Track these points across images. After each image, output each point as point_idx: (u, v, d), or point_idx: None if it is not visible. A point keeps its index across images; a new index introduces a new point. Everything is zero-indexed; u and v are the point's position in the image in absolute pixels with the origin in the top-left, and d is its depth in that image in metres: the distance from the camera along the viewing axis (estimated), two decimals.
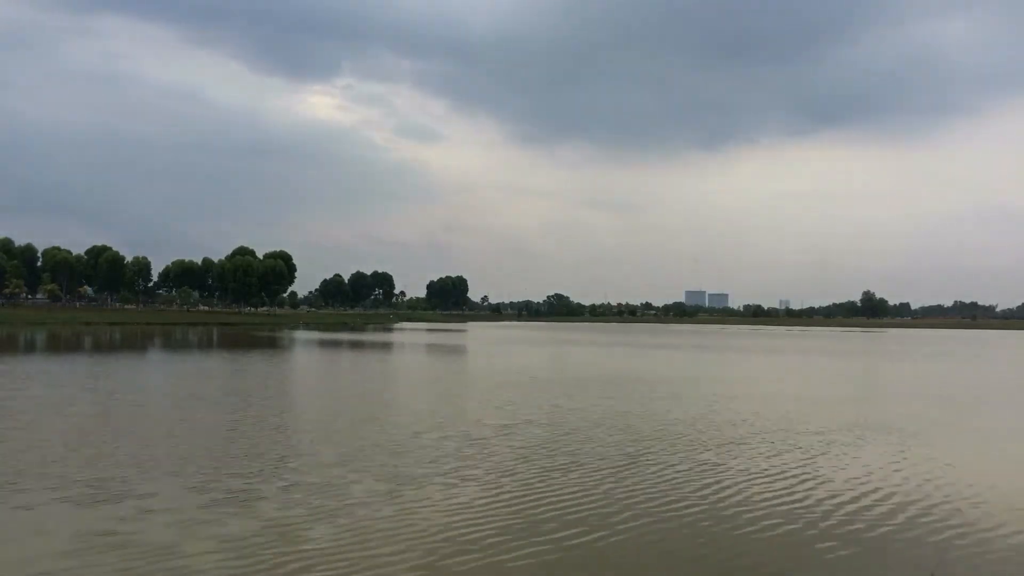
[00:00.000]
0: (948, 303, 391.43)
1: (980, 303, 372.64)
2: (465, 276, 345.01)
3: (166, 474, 15.21)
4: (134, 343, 74.14)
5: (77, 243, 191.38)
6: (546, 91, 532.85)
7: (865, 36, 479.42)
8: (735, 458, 17.92)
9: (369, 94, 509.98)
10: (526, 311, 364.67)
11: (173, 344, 74.61)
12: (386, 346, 73.09)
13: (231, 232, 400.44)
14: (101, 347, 65.58)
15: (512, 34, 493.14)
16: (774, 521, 12.58)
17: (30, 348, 64.17)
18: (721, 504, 13.63)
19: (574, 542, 11.32)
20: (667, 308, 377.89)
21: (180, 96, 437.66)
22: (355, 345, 72.82)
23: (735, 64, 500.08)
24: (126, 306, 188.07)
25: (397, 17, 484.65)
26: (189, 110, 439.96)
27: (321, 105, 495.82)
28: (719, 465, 17.03)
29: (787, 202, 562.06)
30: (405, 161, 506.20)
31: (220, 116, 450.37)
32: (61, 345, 68.30)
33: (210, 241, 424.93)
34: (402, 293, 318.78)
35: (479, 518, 12.48)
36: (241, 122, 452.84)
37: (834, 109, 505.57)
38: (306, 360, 55.22)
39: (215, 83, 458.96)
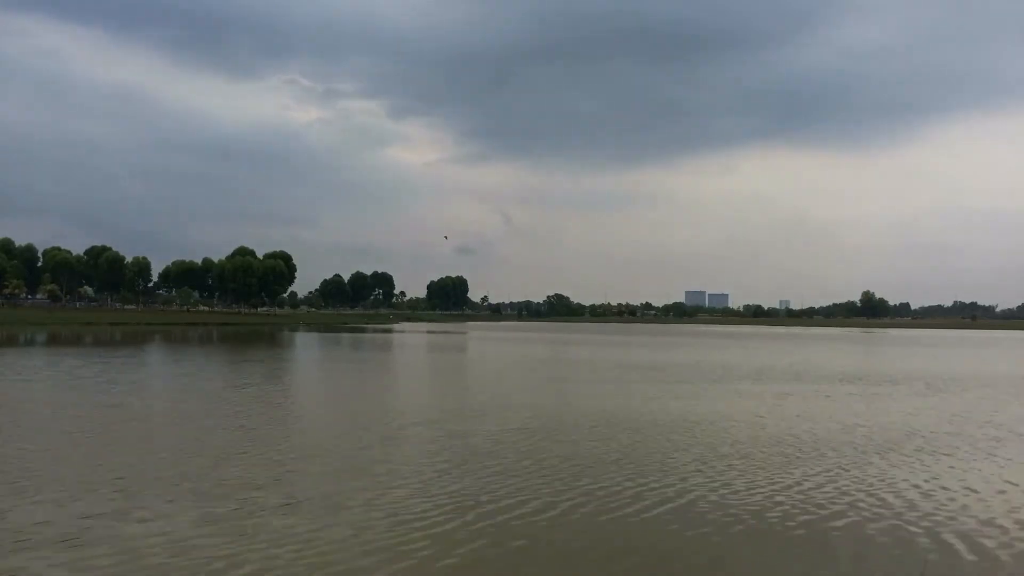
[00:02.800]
0: (948, 303, 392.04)
1: (980, 303, 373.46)
2: (465, 276, 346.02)
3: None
4: (133, 344, 74.10)
5: (44, 243, 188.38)
6: (521, 93, 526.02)
7: (848, 29, 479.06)
8: None
9: (320, 93, 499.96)
10: (526, 311, 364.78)
11: (172, 343, 74.65)
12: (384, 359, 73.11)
13: (207, 232, 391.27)
14: (102, 343, 65.54)
15: (475, 37, 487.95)
16: None
17: (29, 347, 64.18)
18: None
19: None
20: (667, 308, 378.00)
21: (123, 96, 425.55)
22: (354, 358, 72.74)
23: (713, 63, 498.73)
24: (126, 306, 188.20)
25: (346, 17, 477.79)
26: (137, 110, 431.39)
27: (272, 105, 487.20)
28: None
29: (785, 202, 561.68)
30: (379, 162, 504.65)
31: (173, 116, 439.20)
32: (62, 342, 68.29)
33: (182, 241, 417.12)
34: (402, 293, 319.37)
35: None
36: (197, 122, 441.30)
37: (818, 108, 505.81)
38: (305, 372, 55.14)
39: (156, 82, 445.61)
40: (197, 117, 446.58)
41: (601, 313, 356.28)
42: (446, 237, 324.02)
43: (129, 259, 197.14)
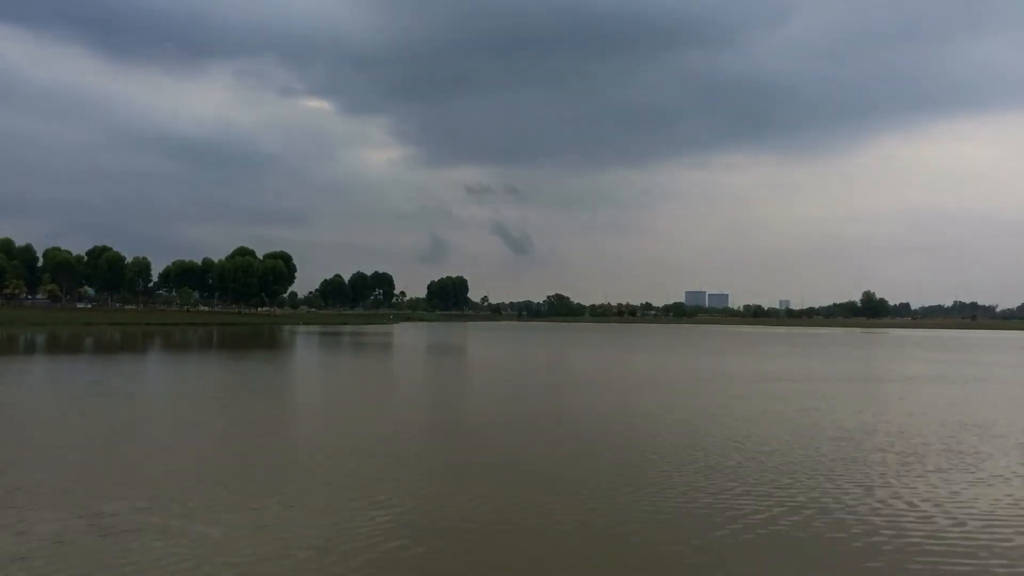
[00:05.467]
0: (948, 303, 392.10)
1: (980, 303, 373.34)
2: (465, 276, 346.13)
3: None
4: (134, 347, 73.90)
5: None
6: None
7: None
8: None
9: (275, 91, 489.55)
10: (526, 311, 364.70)
11: (172, 345, 74.47)
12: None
13: (183, 232, 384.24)
14: (102, 347, 65.43)
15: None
16: None
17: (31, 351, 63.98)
18: None
19: None
20: (667, 308, 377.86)
21: (71, 96, 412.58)
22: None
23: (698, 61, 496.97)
24: (126, 307, 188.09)
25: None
26: (91, 110, 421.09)
27: (224, 102, 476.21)
28: None
29: (786, 202, 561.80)
30: (354, 162, 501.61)
31: (130, 116, 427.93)
32: (63, 347, 68.15)
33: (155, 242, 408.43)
34: (402, 293, 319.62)
35: None
36: (161, 122, 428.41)
37: (810, 106, 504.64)
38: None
39: (104, 83, 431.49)
40: (157, 117, 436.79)
41: (601, 313, 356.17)
42: None
43: (129, 259, 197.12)
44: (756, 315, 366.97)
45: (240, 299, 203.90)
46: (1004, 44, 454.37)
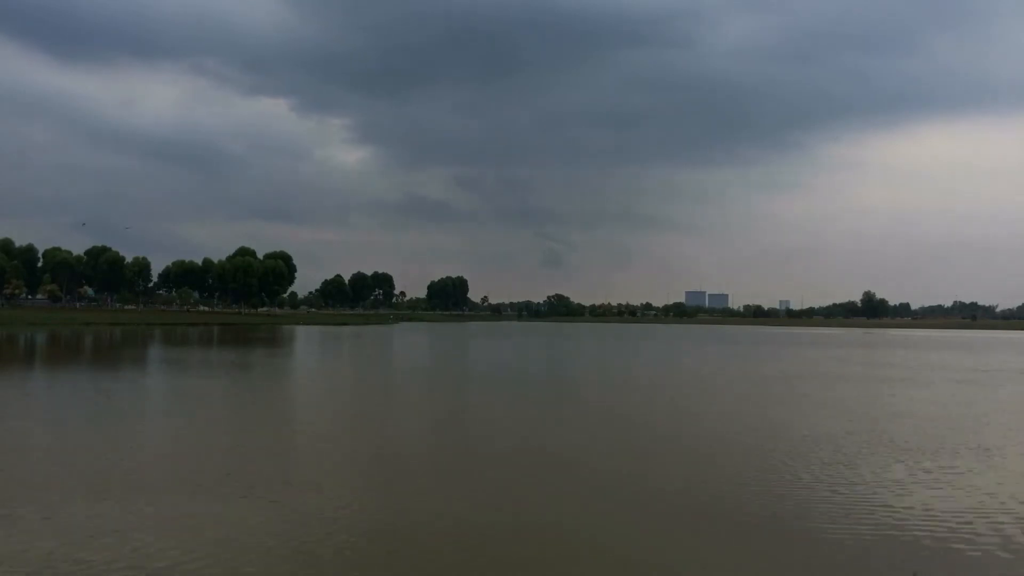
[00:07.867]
0: (948, 303, 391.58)
1: (980, 303, 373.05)
2: (465, 276, 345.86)
3: None
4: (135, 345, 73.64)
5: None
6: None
7: None
8: None
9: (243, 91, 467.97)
10: (526, 311, 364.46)
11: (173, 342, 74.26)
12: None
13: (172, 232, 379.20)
14: (102, 349, 65.25)
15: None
16: None
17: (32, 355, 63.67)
18: None
19: None
20: (667, 309, 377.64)
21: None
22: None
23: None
24: (126, 306, 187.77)
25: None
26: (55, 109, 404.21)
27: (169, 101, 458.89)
28: None
29: (785, 201, 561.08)
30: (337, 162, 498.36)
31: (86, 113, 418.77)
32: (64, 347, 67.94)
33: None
34: (402, 293, 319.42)
35: None
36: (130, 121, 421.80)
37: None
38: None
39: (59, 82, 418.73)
40: (120, 117, 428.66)
41: (601, 313, 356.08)
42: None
43: (129, 259, 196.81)
44: (756, 315, 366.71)
45: (240, 299, 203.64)
46: (999, 43, 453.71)
